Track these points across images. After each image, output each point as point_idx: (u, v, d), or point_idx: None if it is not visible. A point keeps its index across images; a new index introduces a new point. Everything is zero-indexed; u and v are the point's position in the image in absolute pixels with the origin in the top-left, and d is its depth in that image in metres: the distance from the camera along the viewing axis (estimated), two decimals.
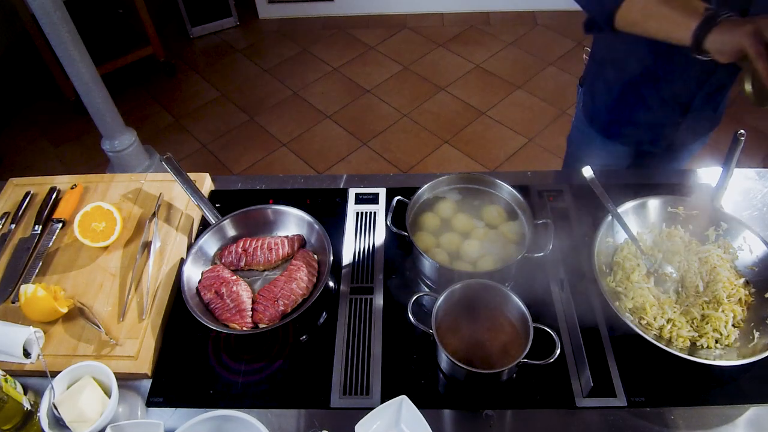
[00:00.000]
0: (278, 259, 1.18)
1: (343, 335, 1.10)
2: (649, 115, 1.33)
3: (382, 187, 1.38)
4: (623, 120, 1.38)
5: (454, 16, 3.94)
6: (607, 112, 1.40)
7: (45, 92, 3.40)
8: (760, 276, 1.10)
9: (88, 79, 2.31)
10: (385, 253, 1.24)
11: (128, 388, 1.04)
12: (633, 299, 1.08)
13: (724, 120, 1.45)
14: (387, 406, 0.95)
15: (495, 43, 3.63)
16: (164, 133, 3.22)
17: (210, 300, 1.11)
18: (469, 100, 3.27)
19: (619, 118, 1.38)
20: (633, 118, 1.36)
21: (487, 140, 3.05)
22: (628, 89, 1.31)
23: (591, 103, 1.43)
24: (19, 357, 1.04)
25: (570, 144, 1.62)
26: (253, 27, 3.98)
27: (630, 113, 1.35)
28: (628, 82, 1.30)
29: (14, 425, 0.96)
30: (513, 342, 1.01)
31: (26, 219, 1.32)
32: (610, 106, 1.38)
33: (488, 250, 1.16)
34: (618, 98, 1.34)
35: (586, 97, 1.45)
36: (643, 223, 1.22)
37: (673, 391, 1.00)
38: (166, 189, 1.36)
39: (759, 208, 1.31)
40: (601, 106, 1.40)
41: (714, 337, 1.04)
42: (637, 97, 1.30)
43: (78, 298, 1.16)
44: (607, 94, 1.37)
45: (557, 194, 1.34)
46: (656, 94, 1.28)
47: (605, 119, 1.42)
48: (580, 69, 1.47)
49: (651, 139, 1.41)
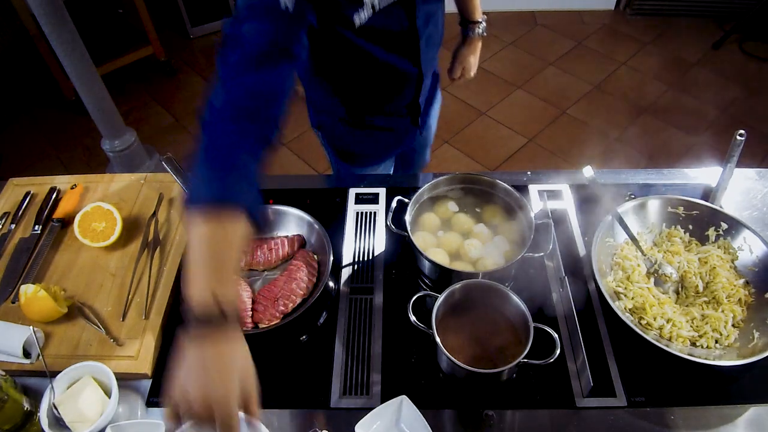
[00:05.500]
0: (278, 259, 1.18)
1: (343, 335, 1.10)
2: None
3: (382, 187, 1.38)
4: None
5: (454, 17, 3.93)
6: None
7: (45, 92, 3.39)
8: (760, 276, 1.10)
9: (88, 79, 2.31)
10: (385, 253, 1.24)
11: (128, 388, 1.04)
12: (633, 299, 1.08)
13: (724, 120, 1.45)
14: (387, 406, 0.95)
15: (495, 43, 3.63)
16: (164, 133, 3.22)
17: None
18: (469, 100, 3.27)
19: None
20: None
21: (487, 140, 3.05)
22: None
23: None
24: (19, 357, 1.04)
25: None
26: None
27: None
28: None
29: (14, 425, 0.96)
30: (513, 342, 1.01)
31: (26, 219, 1.32)
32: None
33: (488, 250, 1.16)
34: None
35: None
36: (643, 223, 1.22)
37: (673, 391, 1.00)
38: (166, 189, 1.36)
39: (759, 208, 1.31)
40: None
41: (714, 337, 1.04)
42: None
43: (78, 298, 1.16)
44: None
45: (557, 194, 1.34)
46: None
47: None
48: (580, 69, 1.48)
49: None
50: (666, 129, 3.04)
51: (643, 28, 3.75)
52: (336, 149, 1.49)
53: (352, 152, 1.48)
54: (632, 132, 3.02)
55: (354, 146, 1.46)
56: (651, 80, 3.36)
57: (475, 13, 1.50)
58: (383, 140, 1.44)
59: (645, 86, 3.32)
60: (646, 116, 3.11)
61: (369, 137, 1.42)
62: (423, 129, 1.52)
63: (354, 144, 1.45)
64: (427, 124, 1.65)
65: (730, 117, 3.06)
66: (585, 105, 3.22)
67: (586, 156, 2.87)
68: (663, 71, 3.40)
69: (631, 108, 3.17)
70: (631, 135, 3.01)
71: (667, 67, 3.43)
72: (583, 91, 3.29)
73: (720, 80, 3.32)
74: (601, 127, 3.06)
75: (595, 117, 3.13)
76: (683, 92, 3.26)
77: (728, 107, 3.13)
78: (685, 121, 3.06)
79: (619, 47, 3.59)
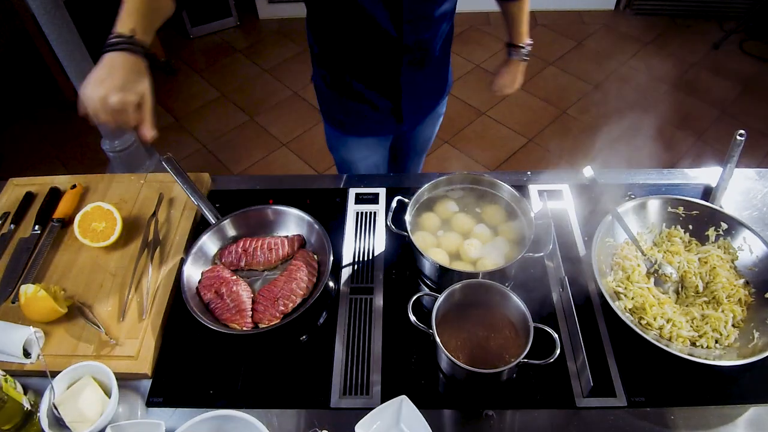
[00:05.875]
0: (278, 259, 1.18)
1: (343, 335, 1.10)
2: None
3: (382, 187, 1.38)
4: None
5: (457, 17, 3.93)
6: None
7: (45, 92, 3.39)
8: (760, 276, 1.10)
9: None
10: (385, 253, 1.24)
11: (128, 388, 1.04)
12: (633, 299, 1.08)
13: (724, 120, 1.46)
14: (387, 406, 0.95)
15: (495, 43, 3.63)
16: (164, 133, 3.22)
17: (210, 300, 1.11)
18: (469, 100, 3.27)
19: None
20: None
21: (487, 140, 3.05)
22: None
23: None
24: (19, 357, 1.04)
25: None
26: (253, 27, 3.98)
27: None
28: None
29: (14, 425, 0.96)
30: (513, 342, 1.01)
31: (26, 219, 1.32)
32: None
33: (488, 250, 1.16)
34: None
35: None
36: (643, 223, 1.22)
37: (673, 391, 1.00)
38: (166, 189, 1.36)
39: (759, 208, 1.31)
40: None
41: (714, 337, 1.04)
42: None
43: (78, 298, 1.16)
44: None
45: (557, 194, 1.34)
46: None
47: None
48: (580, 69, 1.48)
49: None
50: (666, 129, 3.04)
51: (643, 28, 3.75)
52: (323, 108, 1.51)
53: (335, 116, 1.50)
54: (632, 132, 3.01)
55: (337, 109, 1.48)
56: (651, 80, 3.36)
57: (517, 38, 1.52)
58: (363, 112, 1.44)
59: (645, 86, 3.32)
60: (646, 116, 3.11)
61: (350, 103, 1.42)
62: (408, 126, 1.53)
63: (337, 107, 1.47)
64: (421, 131, 1.66)
65: (730, 117, 3.06)
66: (585, 105, 3.22)
67: (586, 156, 2.87)
68: (663, 71, 3.41)
69: (631, 108, 3.17)
70: (631, 135, 3.00)
71: (666, 67, 3.43)
72: (583, 91, 3.29)
73: (720, 80, 3.33)
74: (601, 127, 3.05)
75: (595, 117, 3.13)
76: (683, 92, 3.27)
77: (728, 107, 3.13)
78: (685, 121, 3.06)
79: (619, 47, 3.59)
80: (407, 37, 1.24)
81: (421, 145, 1.77)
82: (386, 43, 1.25)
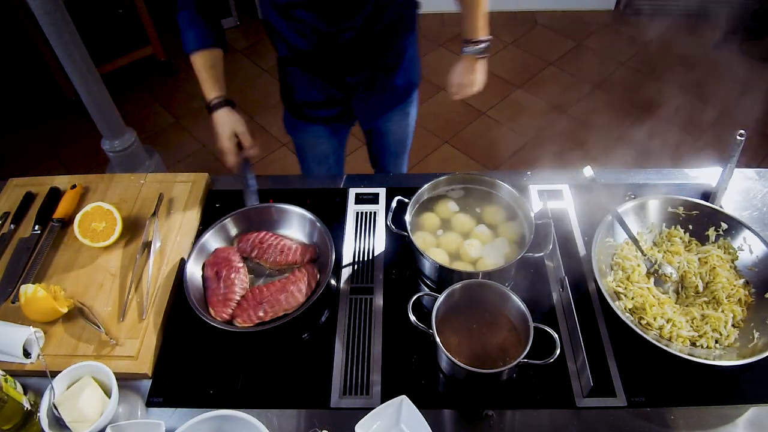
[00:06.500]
0: (286, 263, 1.18)
1: (343, 335, 1.10)
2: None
3: (382, 187, 1.38)
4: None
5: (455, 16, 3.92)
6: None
7: (45, 92, 3.39)
8: (760, 276, 1.10)
9: (88, 79, 2.31)
10: (385, 253, 1.24)
11: (128, 388, 1.04)
12: (633, 299, 1.08)
13: (724, 120, 1.45)
14: (387, 406, 0.95)
15: (495, 43, 3.60)
16: (164, 133, 3.22)
17: (207, 277, 1.14)
18: (469, 100, 3.25)
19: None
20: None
21: (487, 140, 3.05)
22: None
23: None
24: (19, 357, 1.04)
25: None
26: (253, 27, 3.98)
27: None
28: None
29: (14, 425, 0.96)
30: (513, 342, 1.01)
31: (26, 219, 1.32)
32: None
33: (488, 250, 1.16)
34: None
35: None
36: (643, 223, 1.22)
37: (673, 391, 1.00)
38: (166, 189, 1.36)
39: (759, 208, 1.31)
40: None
41: (714, 337, 1.04)
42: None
43: (78, 298, 1.16)
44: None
45: (557, 194, 1.34)
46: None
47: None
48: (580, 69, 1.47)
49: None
50: (666, 129, 3.04)
51: (643, 28, 3.75)
52: (282, 88, 1.56)
53: (291, 98, 1.53)
54: (632, 132, 3.02)
55: (294, 90, 1.50)
56: (651, 80, 3.36)
57: (472, 32, 1.43)
58: (315, 97, 1.46)
59: (645, 86, 3.32)
60: (646, 116, 3.11)
61: (302, 87, 1.47)
62: (363, 120, 1.55)
63: (294, 87, 1.50)
64: (390, 130, 1.64)
65: (730, 117, 3.06)
66: (585, 105, 3.21)
67: (587, 156, 2.87)
68: (663, 71, 3.40)
69: (631, 108, 3.17)
70: (631, 135, 3.00)
71: (666, 67, 3.43)
72: (583, 91, 3.29)
73: (720, 80, 3.32)
74: (601, 127, 3.05)
75: (595, 117, 3.13)
76: (683, 92, 3.26)
77: (728, 107, 3.13)
78: (685, 121, 3.06)
79: (619, 47, 3.59)
80: (343, 26, 1.27)
81: (395, 145, 1.73)
82: (324, 43, 1.31)
